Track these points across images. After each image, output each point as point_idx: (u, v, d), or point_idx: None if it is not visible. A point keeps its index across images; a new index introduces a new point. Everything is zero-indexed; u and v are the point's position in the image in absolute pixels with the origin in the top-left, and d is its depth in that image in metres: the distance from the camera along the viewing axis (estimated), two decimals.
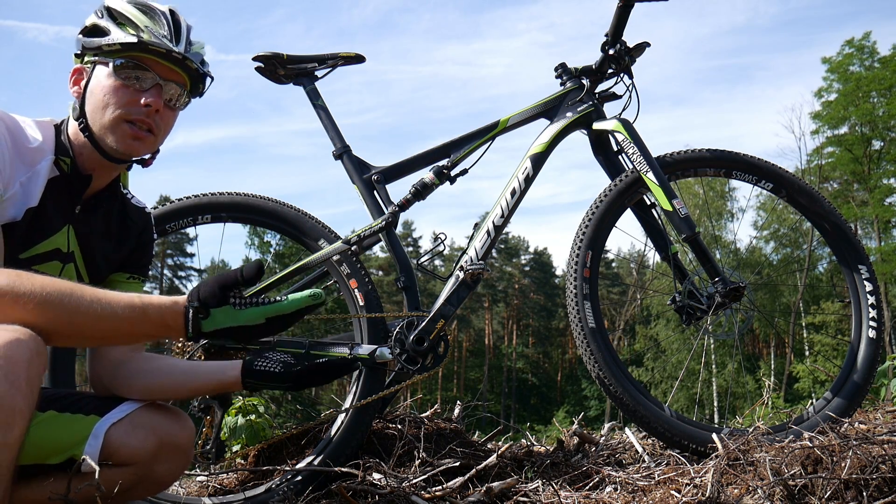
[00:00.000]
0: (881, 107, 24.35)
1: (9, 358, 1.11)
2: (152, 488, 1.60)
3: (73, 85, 1.55)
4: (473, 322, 44.90)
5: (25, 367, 1.13)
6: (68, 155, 1.52)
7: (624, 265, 44.89)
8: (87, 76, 1.53)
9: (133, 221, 1.72)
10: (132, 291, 1.67)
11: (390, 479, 1.93)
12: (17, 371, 1.11)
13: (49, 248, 1.51)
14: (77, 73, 1.55)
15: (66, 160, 1.52)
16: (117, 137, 1.50)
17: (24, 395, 1.12)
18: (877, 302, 2.41)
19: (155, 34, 1.52)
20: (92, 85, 1.51)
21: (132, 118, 1.50)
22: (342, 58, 2.42)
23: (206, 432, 1.98)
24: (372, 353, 2.12)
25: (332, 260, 2.22)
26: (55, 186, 1.49)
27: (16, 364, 1.12)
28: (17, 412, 1.10)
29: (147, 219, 1.77)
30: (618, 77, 2.52)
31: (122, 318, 1.30)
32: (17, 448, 1.12)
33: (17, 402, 1.10)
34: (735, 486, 1.74)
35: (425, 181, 2.32)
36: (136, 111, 1.50)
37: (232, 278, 1.38)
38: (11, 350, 1.12)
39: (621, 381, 2.19)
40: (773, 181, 2.48)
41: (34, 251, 1.48)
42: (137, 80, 1.51)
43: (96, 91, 1.50)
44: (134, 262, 1.73)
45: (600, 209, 2.34)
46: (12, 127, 1.43)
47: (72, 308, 1.26)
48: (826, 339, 26.75)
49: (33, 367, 1.15)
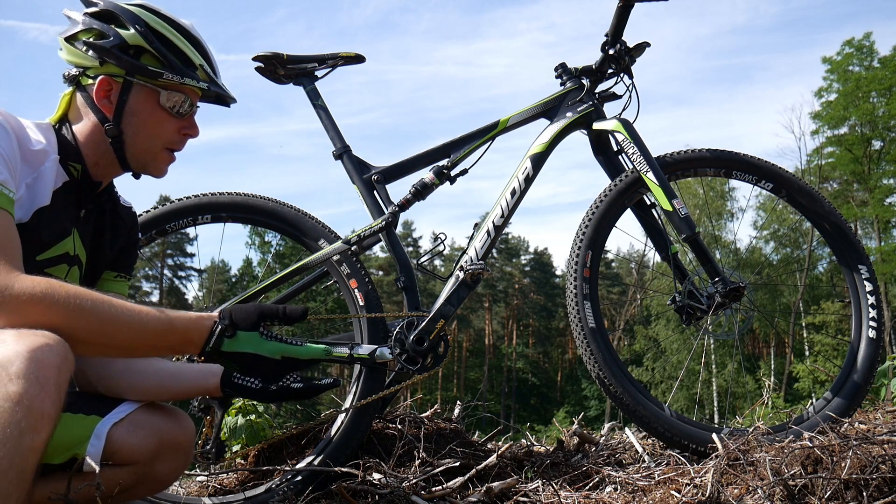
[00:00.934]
0: (881, 107, 24.35)
1: (39, 362, 1.12)
2: (153, 488, 1.61)
3: (103, 97, 1.52)
4: (473, 322, 44.90)
5: (55, 372, 1.14)
6: (79, 161, 1.52)
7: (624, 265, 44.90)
8: (119, 90, 1.52)
9: (123, 221, 1.73)
10: (119, 290, 1.71)
11: (390, 479, 1.93)
12: (48, 375, 1.12)
13: (60, 252, 1.51)
14: (107, 85, 1.52)
15: (77, 166, 1.52)
16: (157, 164, 1.59)
17: (52, 399, 1.12)
18: (877, 302, 2.41)
19: (208, 73, 1.60)
20: (135, 106, 1.53)
21: (172, 147, 1.59)
22: (342, 58, 2.42)
23: (206, 432, 1.98)
24: (372, 353, 2.12)
25: (332, 260, 2.22)
26: (65, 191, 1.50)
27: (46, 368, 1.12)
28: (45, 416, 1.11)
29: (134, 218, 1.79)
30: (618, 77, 2.52)
31: (150, 331, 1.34)
32: (42, 452, 1.12)
33: (45, 407, 1.11)
34: (735, 486, 1.74)
35: (425, 181, 2.32)
36: (180, 141, 1.60)
37: (273, 311, 1.44)
38: (42, 354, 1.13)
39: (621, 381, 2.19)
40: (773, 181, 2.48)
41: (47, 255, 1.49)
42: (179, 106, 1.57)
43: (142, 115, 1.54)
44: (122, 260, 1.75)
45: (600, 209, 2.34)
46: (17, 128, 1.43)
47: (103, 317, 1.28)
48: (826, 339, 26.75)
49: (62, 373, 1.16)
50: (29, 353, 1.11)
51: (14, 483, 1.07)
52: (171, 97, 1.55)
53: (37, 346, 1.13)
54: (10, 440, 1.06)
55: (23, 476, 1.08)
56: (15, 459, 1.06)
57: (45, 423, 1.11)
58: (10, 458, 1.06)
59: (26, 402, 1.08)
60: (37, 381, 1.10)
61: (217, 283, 37.01)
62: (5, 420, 1.06)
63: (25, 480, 1.09)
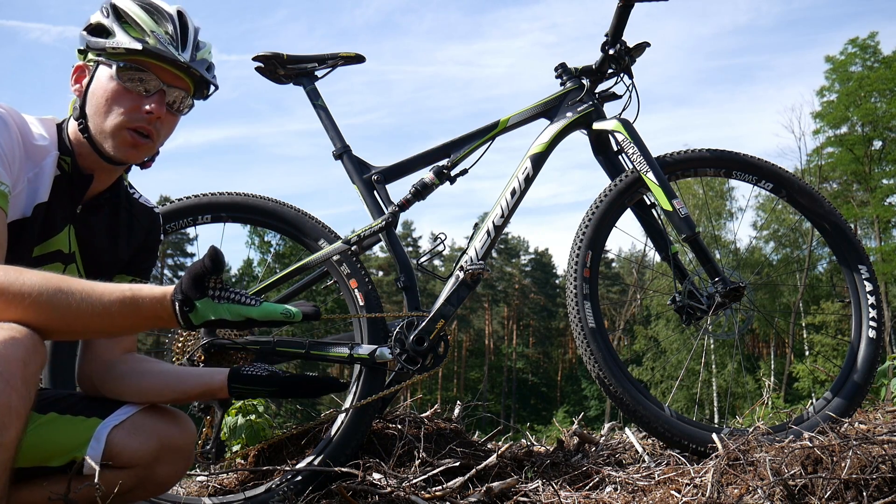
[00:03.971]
0: (882, 107, 24.34)
1: (4, 357, 1.10)
2: (153, 490, 1.60)
3: (75, 83, 1.52)
4: (473, 322, 44.89)
5: (21, 367, 1.12)
6: (69, 154, 1.51)
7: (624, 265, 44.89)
8: (89, 75, 1.51)
9: (139, 222, 1.69)
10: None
11: (390, 479, 1.93)
12: (13, 370, 1.11)
13: (52, 249, 1.50)
14: (79, 71, 1.52)
15: (67, 160, 1.50)
16: (116, 144, 1.48)
17: (20, 394, 1.11)
18: (877, 302, 2.41)
19: (161, 40, 1.49)
20: (94, 86, 1.49)
21: (133, 125, 1.48)
22: (342, 58, 2.42)
23: (206, 432, 1.98)
24: (372, 353, 2.12)
25: (332, 260, 2.22)
26: (58, 186, 1.48)
27: (11, 363, 1.11)
28: (13, 412, 1.09)
29: (155, 219, 1.74)
30: (618, 77, 2.52)
31: (115, 314, 1.29)
32: (13, 448, 1.11)
33: (13, 402, 1.09)
34: (735, 486, 1.74)
35: (425, 181, 2.32)
36: (138, 118, 1.48)
37: (199, 269, 1.34)
38: (7, 349, 1.12)
39: (621, 381, 2.19)
40: (773, 181, 2.48)
41: (38, 251, 1.48)
42: (141, 84, 1.48)
43: (98, 93, 1.48)
44: (137, 264, 1.71)
45: (600, 209, 2.34)
46: (19, 123, 1.42)
47: (63, 306, 1.24)
48: (826, 339, 26.75)
49: (30, 367, 1.15)
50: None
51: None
52: (127, 74, 1.47)
53: (1, 341, 1.12)
54: None
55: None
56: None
57: (14, 419, 1.09)
58: None
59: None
60: (1, 377, 1.09)
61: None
62: None
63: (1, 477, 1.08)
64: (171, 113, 1.54)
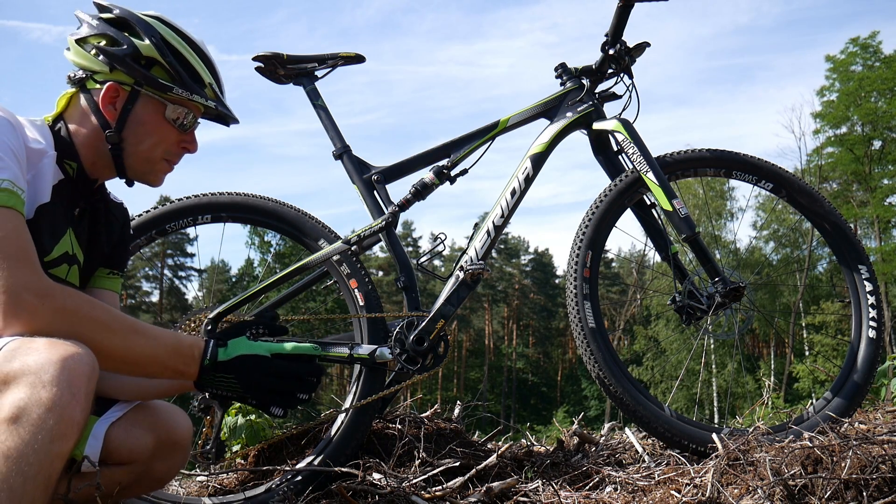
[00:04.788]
0: (883, 107, 24.32)
1: (72, 370, 1.14)
2: (150, 485, 1.61)
3: (108, 103, 1.52)
4: (473, 322, 44.90)
5: (86, 381, 1.16)
6: (75, 159, 1.52)
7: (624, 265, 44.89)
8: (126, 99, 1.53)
9: (115, 217, 1.74)
10: (112, 287, 1.73)
11: (390, 479, 1.93)
12: (79, 384, 1.14)
13: (61, 252, 1.52)
14: (114, 92, 1.52)
15: (73, 164, 1.52)
16: (154, 173, 1.60)
17: (82, 407, 1.14)
18: (877, 302, 2.41)
19: (216, 91, 1.63)
20: (140, 114, 1.54)
21: (172, 159, 1.61)
22: (342, 58, 2.42)
23: (206, 432, 1.98)
24: (372, 353, 2.12)
25: (332, 260, 2.22)
26: (60, 189, 1.49)
27: (78, 377, 1.14)
28: (74, 423, 1.12)
29: (126, 214, 1.81)
30: (618, 77, 2.52)
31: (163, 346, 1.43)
32: (67, 458, 1.14)
33: (76, 414, 1.12)
34: (735, 486, 1.74)
35: (425, 181, 2.32)
36: (178, 152, 1.61)
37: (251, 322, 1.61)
38: (74, 363, 1.15)
39: (621, 381, 2.19)
40: (773, 181, 2.48)
41: (51, 256, 1.49)
42: (185, 119, 1.58)
43: (147, 126, 1.55)
44: (116, 257, 1.76)
45: (600, 209, 2.34)
46: (17, 126, 1.43)
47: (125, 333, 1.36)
48: (826, 339, 26.74)
49: (91, 382, 1.18)
50: (61, 361, 1.13)
51: (41, 489, 1.08)
52: (176, 111, 1.56)
53: (69, 355, 1.15)
54: (41, 446, 1.07)
55: (49, 482, 1.10)
56: (44, 465, 1.08)
57: (74, 431, 1.13)
58: (40, 464, 1.07)
59: (58, 410, 1.10)
60: (69, 389, 1.12)
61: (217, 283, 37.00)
62: (37, 426, 1.07)
63: (50, 487, 1.11)
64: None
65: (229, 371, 1.49)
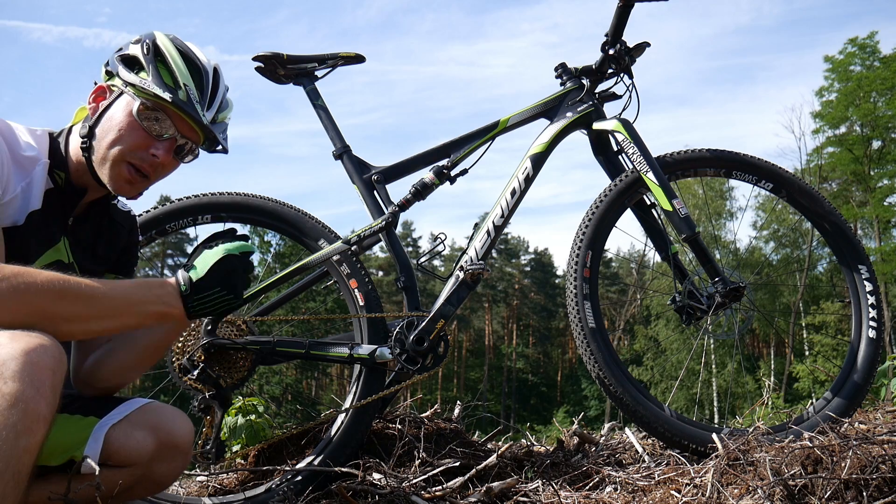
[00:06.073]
0: (882, 107, 24.32)
1: (35, 364, 1.12)
2: (151, 488, 1.61)
3: (94, 101, 1.54)
4: (473, 322, 44.88)
5: (50, 374, 1.14)
6: (64, 169, 1.53)
7: (624, 265, 44.90)
8: (109, 98, 1.53)
9: (121, 224, 1.74)
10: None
11: (390, 479, 1.93)
12: (43, 377, 1.12)
13: (52, 260, 1.52)
14: (100, 91, 1.55)
15: (61, 174, 1.52)
16: (113, 174, 1.52)
17: (47, 401, 1.13)
18: (877, 302, 2.41)
19: (191, 95, 1.54)
20: (111, 112, 1.52)
21: (134, 161, 1.51)
22: (342, 58, 2.42)
23: (206, 432, 1.98)
24: (372, 353, 2.12)
25: (332, 260, 2.22)
26: (51, 197, 1.50)
27: (41, 370, 1.13)
28: (40, 418, 1.11)
29: (133, 222, 1.80)
30: (618, 77, 2.52)
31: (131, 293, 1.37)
32: (37, 453, 1.12)
33: (41, 408, 1.11)
34: (735, 486, 1.74)
35: (425, 181, 2.32)
36: (142, 156, 1.52)
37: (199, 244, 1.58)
38: (37, 356, 1.13)
39: (621, 381, 2.19)
40: (773, 181, 2.48)
41: (40, 262, 1.49)
42: (157, 125, 1.52)
43: (113, 120, 1.51)
44: (122, 264, 1.76)
45: (600, 209, 2.34)
46: (6, 132, 1.44)
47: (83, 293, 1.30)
48: (826, 339, 26.74)
49: (57, 375, 1.16)
50: (24, 354, 1.12)
51: (10, 485, 1.07)
52: (146, 112, 1.51)
53: (31, 348, 1.13)
54: (5, 442, 1.06)
55: (18, 478, 1.08)
56: (11, 461, 1.06)
57: (41, 425, 1.11)
58: (7, 461, 1.06)
59: (21, 405, 1.08)
60: (31, 383, 1.10)
61: None
62: (1, 422, 1.06)
63: (21, 482, 1.09)
64: (175, 159, 1.58)
65: (212, 284, 1.45)
